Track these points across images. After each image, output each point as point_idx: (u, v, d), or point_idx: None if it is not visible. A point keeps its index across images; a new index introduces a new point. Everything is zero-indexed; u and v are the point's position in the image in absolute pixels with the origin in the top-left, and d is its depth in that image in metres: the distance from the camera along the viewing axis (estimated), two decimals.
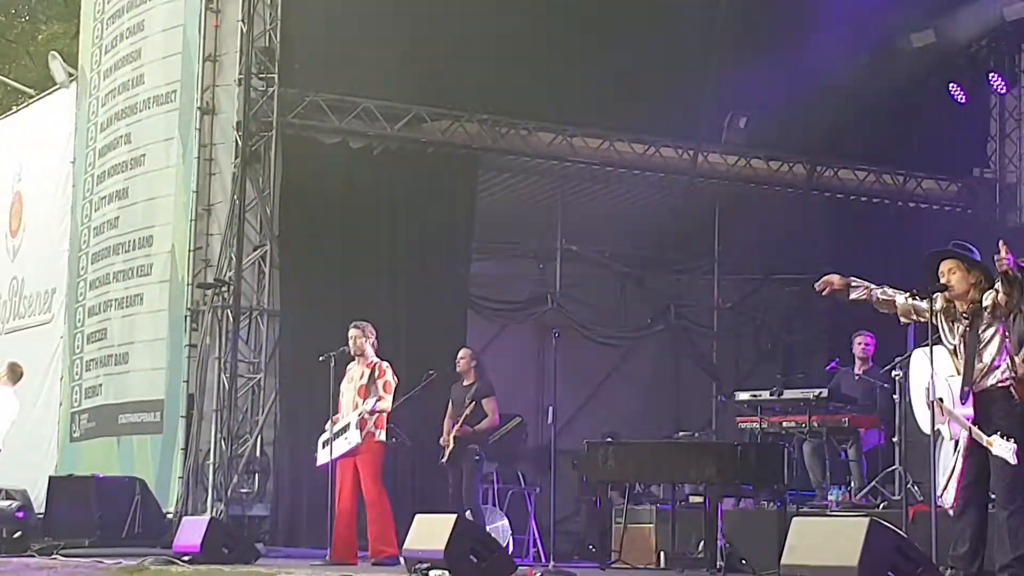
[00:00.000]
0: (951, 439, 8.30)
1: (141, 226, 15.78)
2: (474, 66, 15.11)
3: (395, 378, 12.00)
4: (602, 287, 17.42)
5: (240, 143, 14.52)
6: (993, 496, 8.33)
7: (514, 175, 16.50)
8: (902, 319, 8.75)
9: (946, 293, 8.44)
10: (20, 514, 14.95)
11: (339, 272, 14.67)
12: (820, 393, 12.30)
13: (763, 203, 16.92)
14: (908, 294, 8.60)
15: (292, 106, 14.66)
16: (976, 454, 8.17)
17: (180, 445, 14.60)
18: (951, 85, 16.48)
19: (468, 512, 12.54)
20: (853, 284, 8.84)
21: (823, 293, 8.95)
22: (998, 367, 8.22)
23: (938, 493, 8.38)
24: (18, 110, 20.99)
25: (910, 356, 10.52)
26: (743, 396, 12.81)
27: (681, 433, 14.42)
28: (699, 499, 12.34)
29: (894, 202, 17.32)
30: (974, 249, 8.53)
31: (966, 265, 8.44)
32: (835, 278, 8.91)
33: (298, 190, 14.67)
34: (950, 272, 8.46)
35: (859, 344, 13.22)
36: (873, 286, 8.81)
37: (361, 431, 11.73)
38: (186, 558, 11.81)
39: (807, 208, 17.03)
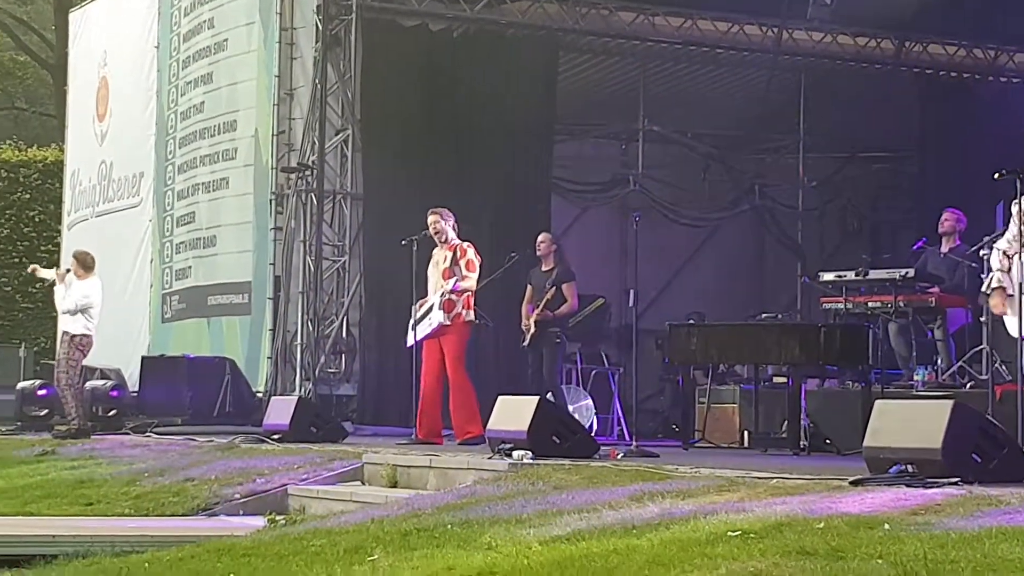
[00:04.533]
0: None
1: (225, 111, 15.89)
2: None
3: (479, 258, 12.03)
4: (685, 168, 17.30)
5: (320, 27, 14.50)
6: None
7: (595, 56, 16.35)
8: None
9: None
10: (114, 393, 15.32)
11: (421, 156, 14.67)
12: (906, 273, 12.14)
13: (849, 80, 16.66)
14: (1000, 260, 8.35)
15: None
16: None
17: (268, 326, 14.81)
18: None
19: (550, 394, 12.63)
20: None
21: None
22: None
23: None
24: None
25: (999, 236, 10.40)
26: (828, 276, 12.67)
27: (765, 314, 14.34)
28: (783, 380, 12.34)
29: (985, 77, 16.98)
30: None
31: None
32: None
33: (379, 74, 14.65)
34: None
35: (946, 222, 13.03)
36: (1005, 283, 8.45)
37: (448, 313, 11.80)
38: (275, 436, 12.08)
39: (895, 84, 16.75)
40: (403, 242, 12.14)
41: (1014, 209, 8.30)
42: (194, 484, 10.54)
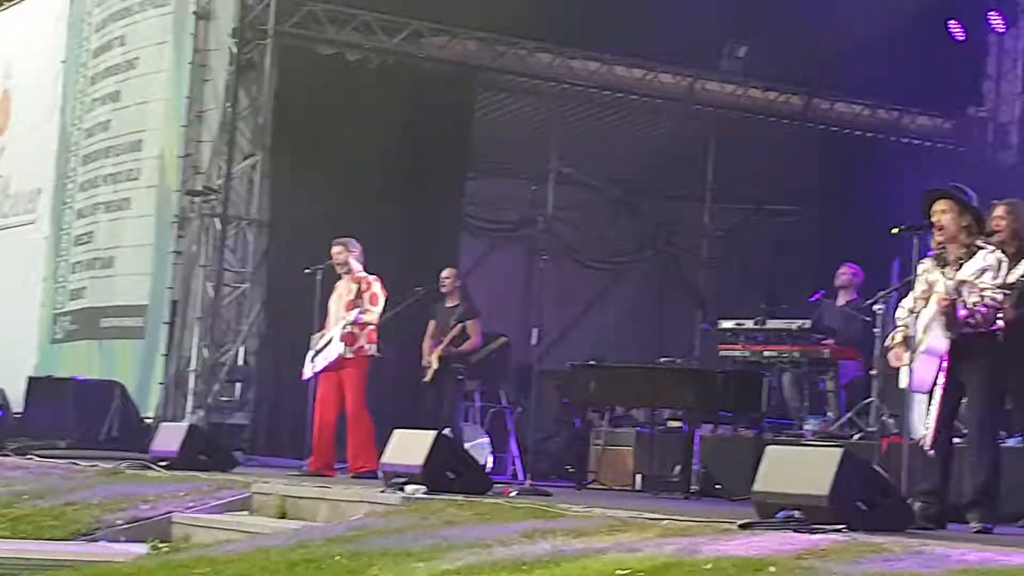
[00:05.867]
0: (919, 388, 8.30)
1: (132, 130, 15.75)
2: None
3: (385, 292, 12.01)
4: (594, 211, 17.43)
5: (235, 50, 14.45)
6: (964, 432, 8.42)
7: (511, 95, 16.45)
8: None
9: (936, 235, 8.40)
10: None
11: (331, 185, 14.61)
12: (802, 324, 12.41)
13: (758, 133, 16.88)
14: (905, 316, 8.48)
15: (289, 15, 14.58)
16: (950, 392, 8.22)
17: (162, 351, 14.62)
18: (950, 22, 16.41)
19: (448, 430, 12.60)
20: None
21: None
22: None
23: (917, 432, 8.42)
24: (9, 6, 20.77)
25: (893, 291, 10.59)
26: (727, 324, 12.90)
27: (663, 359, 14.47)
28: (678, 424, 12.44)
29: (887, 137, 17.29)
30: (971, 193, 8.49)
31: (959, 208, 8.39)
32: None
33: (292, 101, 14.61)
34: (942, 213, 8.40)
35: (843, 275, 13.26)
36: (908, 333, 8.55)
37: (350, 346, 11.77)
38: (163, 463, 11.84)
39: (801, 140, 17.00)
40: (306, 271, 12.09)
41: (920, 267, 8.46)
42: (75, 508, 10.28)
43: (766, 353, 12.53)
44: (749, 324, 12.68)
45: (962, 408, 8.43)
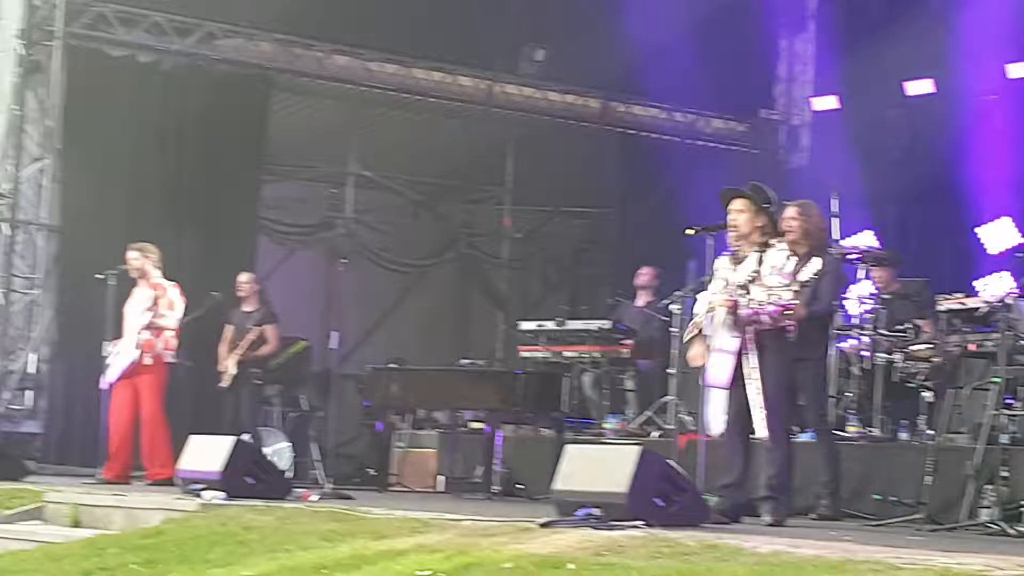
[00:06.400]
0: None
1: None
2: None
3: (184, 299, 11.84)
4: (394, 214, 17.37)
5: (22, 52, 14.05)
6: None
7: (308, 97, 16.28)
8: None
9: (731, 234, 8.56)
10: None
11: (123, 189, 14.31)
12: (602, 325, 12.57)
13: (557, 136, 17.02)
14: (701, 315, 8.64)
15: (77, 15, 14.20)
16: (742, 389, 8.38)
17: None
18: (743, 26, 16.76)
19: (247, 435, 12.49)
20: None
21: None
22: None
23: (714, 429, 8.58)
24: None
25: (689, 291, 10.77)
26: (528, 325, 13.02)
27: (464, 360, 14.53)
28: (480, 425, 12.49)
29: (684, 140, 17.57)
30: (770, 192, 8.66)
31: (755, 208, 8.56)
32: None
33: (83, 103, 14.24)
34: (738, 212, 8.57)
35: (642, 276, 13.48)
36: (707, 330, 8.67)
37: (148, 352, 11.59)
38: None
39: (600, 142, 17.19)
40: (99, 276, 11.83)
41: (715, 266, 8.62)
42: None
43: (567, 354, 12.70)
44: (549, 325, 12.81)
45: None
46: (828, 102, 17.39)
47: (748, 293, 8.38)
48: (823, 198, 11.75)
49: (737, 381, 8.36)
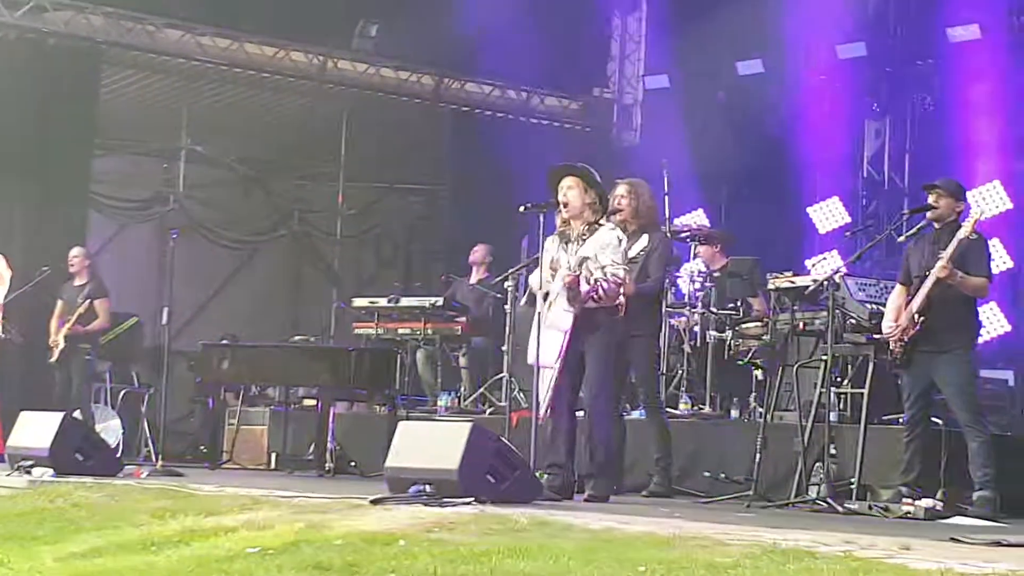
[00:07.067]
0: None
1: None
2: None
3: (10, 271, 11.65)
4: (226, 190, 17.28)
5: None
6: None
7: (140, 71, 16.04)
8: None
9: (562, 211, 8.67)
10: None
11: None
12: (435, 302, 12.65)
13: (391, 112, 17.02)
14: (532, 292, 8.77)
15: None
16: (572, 365, 8.51)
17: None
18: (577, 4, 16.94)
19: (78, 412, 12.36)
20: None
21: None
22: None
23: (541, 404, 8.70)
24: None
25: (522, 268, 10.90)
26: (361, 302, 13.05)
27: (297, 337, 14.52)
28: (312, 402, 12.50)
29: (517, 117, 17.70)
30: (594, 172, 8.80)
31: (585, 184, 8.67)
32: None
33: None
34: (569, 189, 8.68)
35: (475, 253, 13.57)
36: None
37: None
38: None
39: (434, 119, 17.23)
40: None
41: (546, 244, 8.71)
42: None
43: (400, 331, 12.76)
44: (382, 302, 12.86)
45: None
46: (660, 81, 17.65)
47: (581, 271, 8.51)
48: (655, 176, 11.95)
49: (566, 359, 8.48)
